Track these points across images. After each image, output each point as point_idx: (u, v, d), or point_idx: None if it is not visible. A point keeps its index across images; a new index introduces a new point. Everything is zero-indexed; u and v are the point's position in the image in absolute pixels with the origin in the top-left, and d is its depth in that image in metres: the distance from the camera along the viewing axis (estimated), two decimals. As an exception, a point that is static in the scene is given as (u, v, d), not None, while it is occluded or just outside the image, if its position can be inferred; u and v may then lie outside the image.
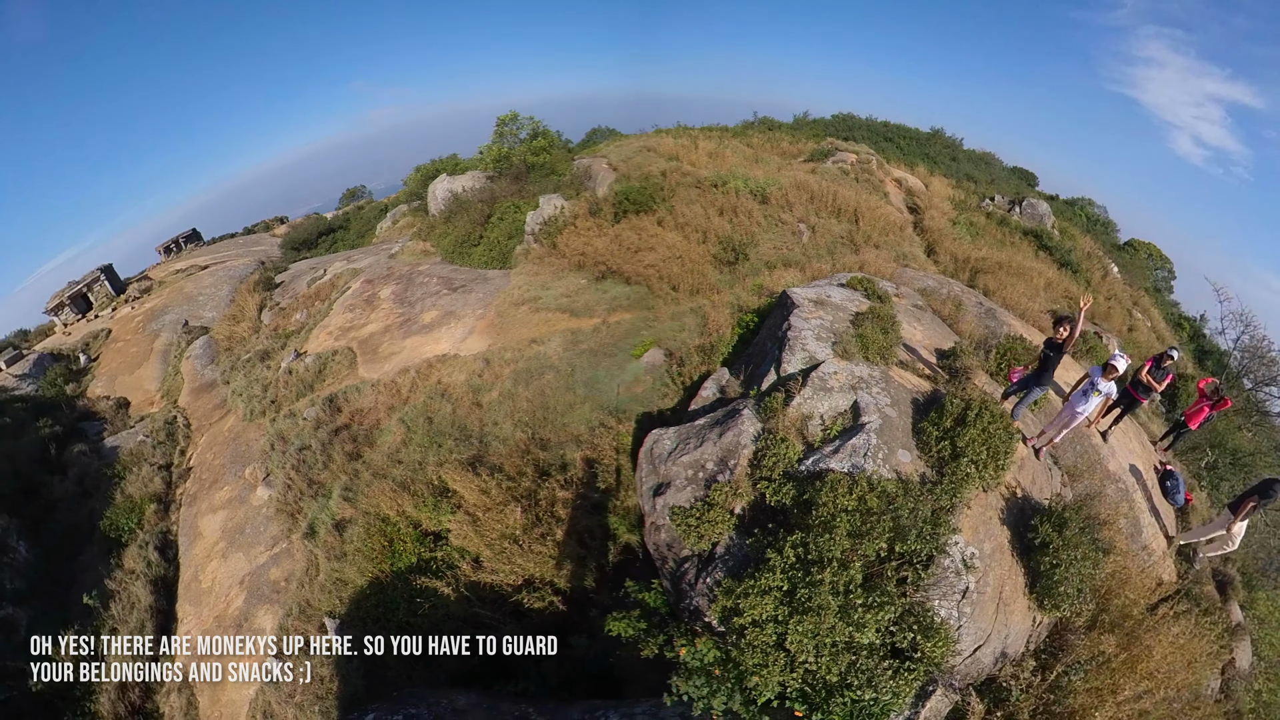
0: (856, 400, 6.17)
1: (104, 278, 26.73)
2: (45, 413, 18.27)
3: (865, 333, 7.18)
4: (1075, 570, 5.38)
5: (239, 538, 10.98)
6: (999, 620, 5.26)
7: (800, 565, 4.31)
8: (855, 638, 4.19)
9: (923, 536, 4.76)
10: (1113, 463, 8.51)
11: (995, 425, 5.85)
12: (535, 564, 5.90)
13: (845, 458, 5.47)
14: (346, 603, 7.23)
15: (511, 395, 10.40)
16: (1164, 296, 26.68)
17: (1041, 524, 5.63)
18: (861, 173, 20.82)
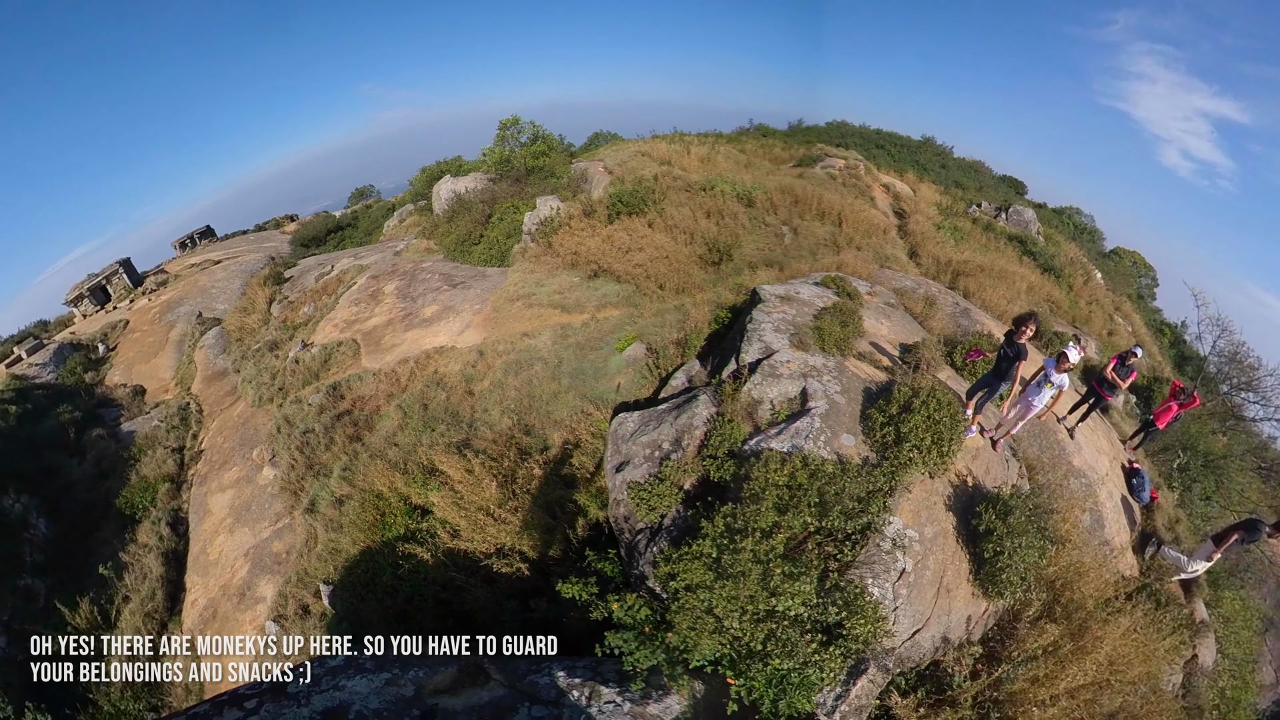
0: (805, 387, 6.39)
1: (122, 271, 27.41)
2: (65, 399, 18.93)
3: (823, 325, 7.46)
4: (1020, 558, 5.28)
5: (245, 514, 11.52)
6: (939, 605, 5.21)
7: (728, 534, 4.55)
8: (775, 606, 4.28)
9: (847, 513, 4.84)
10: (1078, 458, 8.55)
11: (941, 412, 5.87)
12: (506, 534, 6.35)
13: (787, 439, 5.68)
14: (340, 570, 7.72)
15: (501, 385, 10.89)
16: (1146, 303, 27.02)
17: (986, 511, 5.59)
18: (849, 178, 21.21)
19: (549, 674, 4.39)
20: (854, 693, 4.37)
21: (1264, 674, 11.36)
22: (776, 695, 4.15)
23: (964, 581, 5.45)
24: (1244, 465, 14.58)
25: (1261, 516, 8.84)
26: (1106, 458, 9.42)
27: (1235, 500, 12.90)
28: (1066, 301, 20.38)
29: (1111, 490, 8.69)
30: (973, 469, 6.52)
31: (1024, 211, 24.10)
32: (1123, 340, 21.38)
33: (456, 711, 3.93)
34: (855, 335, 7.82)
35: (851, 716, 4.37)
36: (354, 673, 4.21)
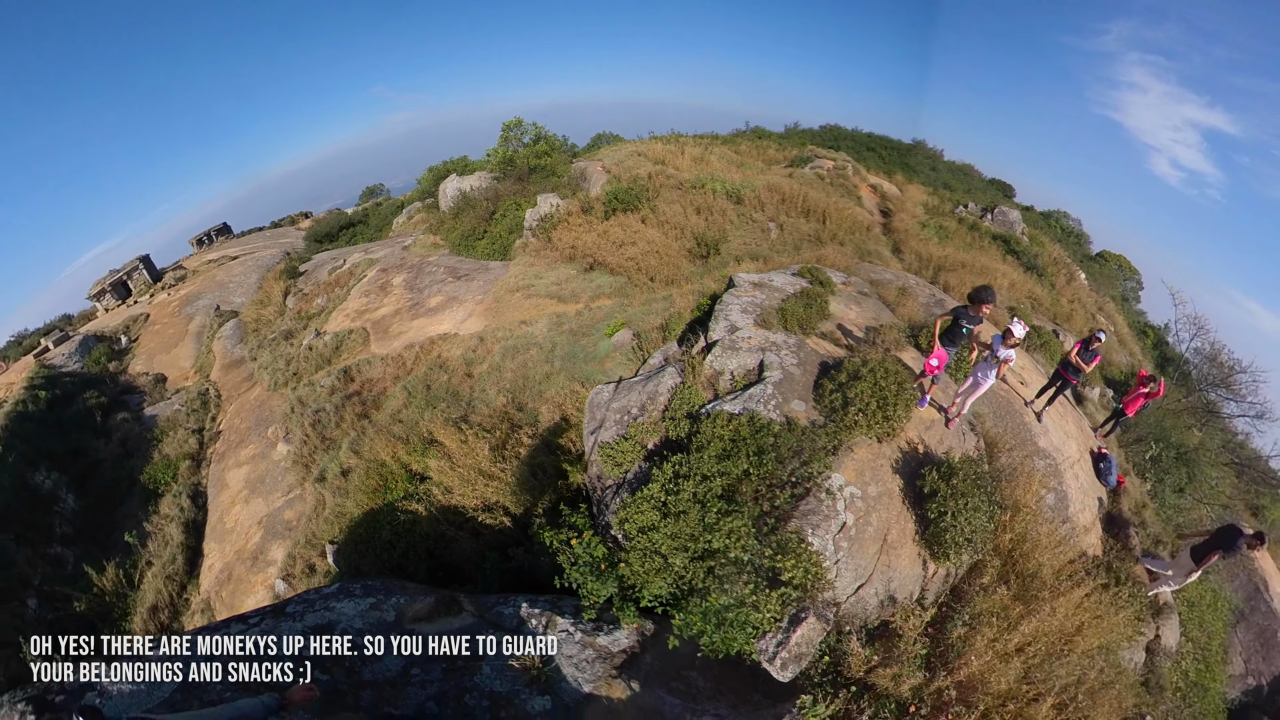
0: (763, 359, 6.73)
1: (142, 267, 28.15)
2: (90, 386, 19.63)
3: (787, 307, 7.85)
4: (964, 520, 5.26)
5: (260, 486, 12.13)
6: (882, 561, 5.22)
7: (674, 479, 4.92)
8: (712, 544, 4.51)
9: (781, 459, 5.11)
10: (1043, 440, 8.53)
11: (888, 380, 6.00)
12: (493, 491, 6.87)
13: (740, 403, 5.99)
14: (344, 531, 8.29)
15: (499, 367, 11.45)
16: (1131, 305, 27.15)
17: (930, 473, 5.63)
18: (836, 178, 21.65)
19: (514, 606, 4.82)
20: (794, 639, 4.45)
21: (1234, 665, 11.43)
22: (715, 631, 4.36)
23: (909, 541, 5.49)
24: (1217, 460, 14.43)
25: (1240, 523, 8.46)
26: (1075, 442, 9.39)
27: (1208, 493, 12.86)
28: (1048, 299, 20.36)
29: (1078, 473, 8.61)
30: (926, 439, 6.62)
31: (1009, 213, 24.42)
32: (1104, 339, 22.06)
33: (429, 636, 4.37)
34: (819, 318, 8.13)
35: (791, 664, 4.44)
36: (344, 598, 4.76)
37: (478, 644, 4.28)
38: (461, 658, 4.13)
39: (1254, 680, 11.54)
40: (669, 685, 4.35)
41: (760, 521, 4.94)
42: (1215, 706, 9.13)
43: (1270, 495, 17.33)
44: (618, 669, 4.25)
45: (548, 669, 4.06)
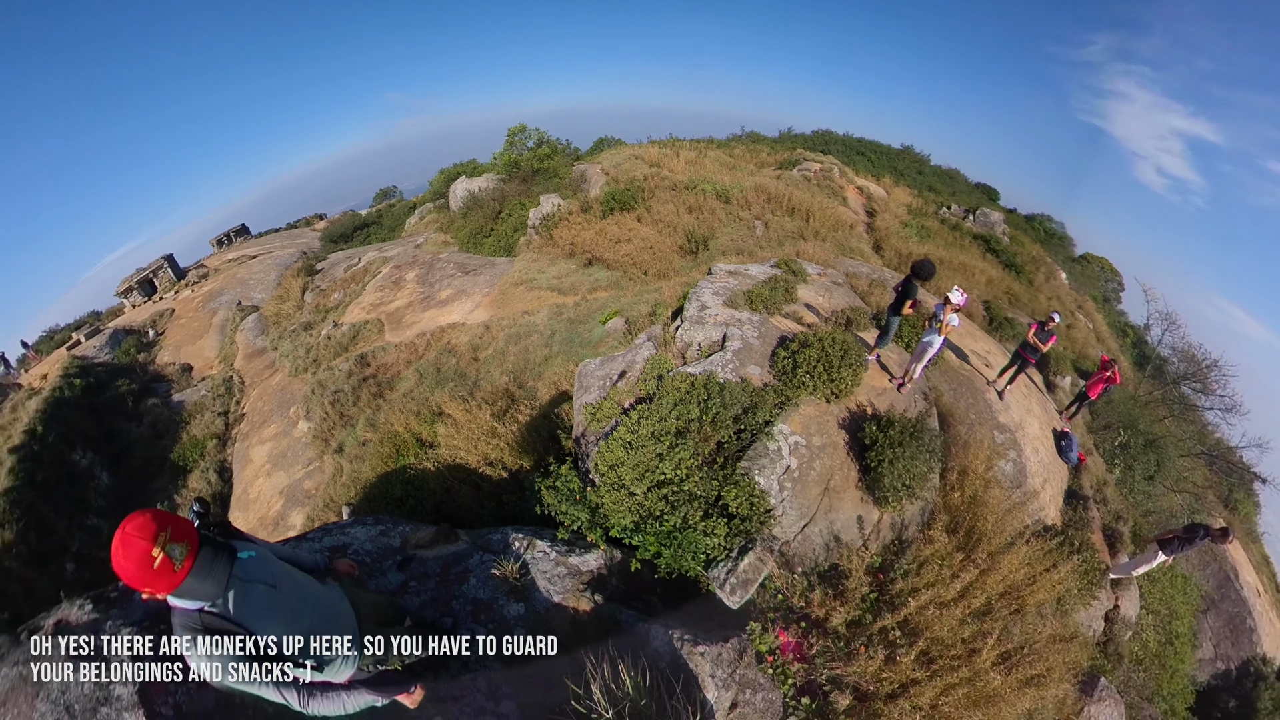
0: (726, 332, 7.28)
1: (167, 265, 29.00)
2: (121, 375, 20.43)
3: (753, 290, 8.41)
4: (901, 466, 5.57)
5: (281, 460, 12.85)
6: (825, 503, 5.51)
7: (637, 421, 5.50)
8: (664, 472, 4.90)
9: (726, 404, 5.59)
10: (1004, 415, 8.71)
11: (834, 347, 6.38)
12: (494, 449, 7.53)
13: (701, 366, 6.53)
14: (360, 492, 8.97)
15: (503, 352, 12.13)
16: (1112, 306, 27.58)
17: (869, 425, 6.01)
18: (823, 179, 22.24)
19: (501, 534, 5.33)
20: (741, 566, 4.73)
21: (1204, 650, 11.71)
22: (668, 551, 4.74)
23: (851, 487, 5.83)
24: (1186, 449, 14.66)
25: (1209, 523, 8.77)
26: (1037, 421, 9.57)
27: (1178, 482, 13.00)
28: (1025, 295, 20.76)
29: (1038, 448, 8.73)
30: (876, 403, 6.91)
31: (990, 214, 24.95)
32: (1080, 334, 21.61)
33: (428, 559, 4.95)
34: (785, 300, 8.64)
35: (739, 589, 4.66)
36: (357, 526, 5.43)
37: (466, 561, 4.86)
38: (452, 572, 4.73)
39: (1223, 665, 11.89)
40: (629, 603, 4.80)
41: (709, 459, 5.38)
42: (1183, 687, 9.25)
43: (1243, 489, 17.69)
44: (584, 585, 4.70)
45: (524, 580, 4.56)
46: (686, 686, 3.67)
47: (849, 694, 4.03)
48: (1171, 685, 8.85)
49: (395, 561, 5.07)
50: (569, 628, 4.31)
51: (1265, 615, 13.36)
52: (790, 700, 3.99)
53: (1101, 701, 6.03)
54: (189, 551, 1.98)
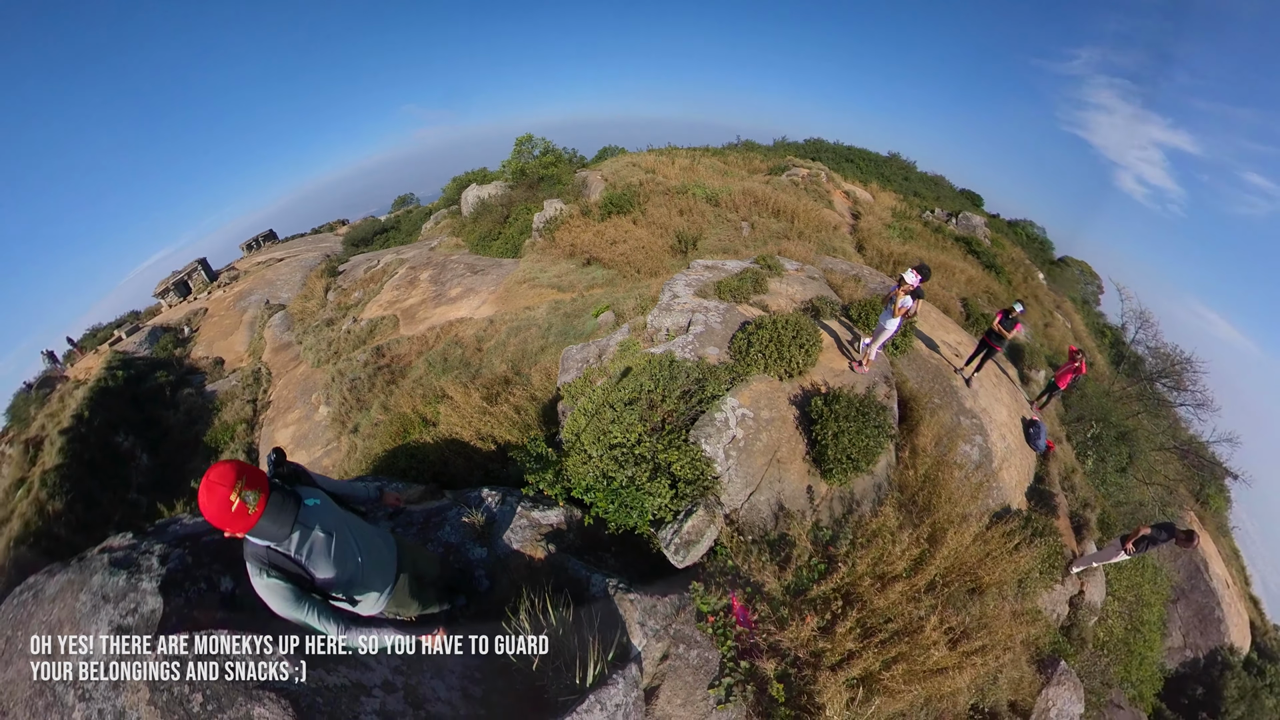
0: (692, 318, 7.59)
1: (200, 268, 30.02)
2: (160, 368, 21.35)
3: (723, 282, 8.78)
4: (846, 441, 5.49)
5: (303, 441, 13.57)
6: (771, 473, 5.48)
7: (598, 393, 5.98)
8: (615, 435, 5.15)
9: (673, 375, 5.86)
10: (970, 401, 8.57)
11: (786, 329, 6.55)
12: (486, 424, 8.12)
13: (663, 347, 6.84)
14: (370, 466, 9.60)
15: (504, 343, 12.75)
16: (1091, 308, 27.68)
17: (816, 399, 6.01)
18: (810, 184, 22.68)
19: (479, 491, 5.63)
20: (686, 527, 4.81)
21: (1173, 638, 11.91)
22: (615, 508, 4.93)
23: (798, 459, 5.77)
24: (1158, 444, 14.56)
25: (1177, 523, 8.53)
26: (1005, 408, 9.42)
27: (1149, 474, 13.02)
28: (1004, 294, 20.68)
29: (1005, 434, 8.56)
30: (831, 383, 6.87)
31: (972, 218, 25.23)
32: (1058, 333, 21.76)
33: (414, 512, 5.36)
34: (755, 291, 8.90)
35: (683, 549, 4.74)
36: (357, 480, 6.03)
37: (446, 513, 5.24)
38: (432, 521, 5.20)
39: (1191, 653, 12.11)
40: (582, 556, 5.02)
41: (659, 426, 5.57)
42: (1152, 674, 9.19)
43: (1215, 484, 17.72)
44: (542, 536, 4.98)
45: (490, 529, 4.96)
46: (610, 629, 3.76)
47: (785, 661, 3.88)
48: (1140, 672, 8.79)
49: (386, 512, 5.68)
50: (525, 571, 4.66)
51: (1233, 606, 13.50)
52: (728, 661, 3.89)
53: (1060, 685, 5.86)
54: (261, 498, 2.23)
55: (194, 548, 3.77)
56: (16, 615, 3.20)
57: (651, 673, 3.70)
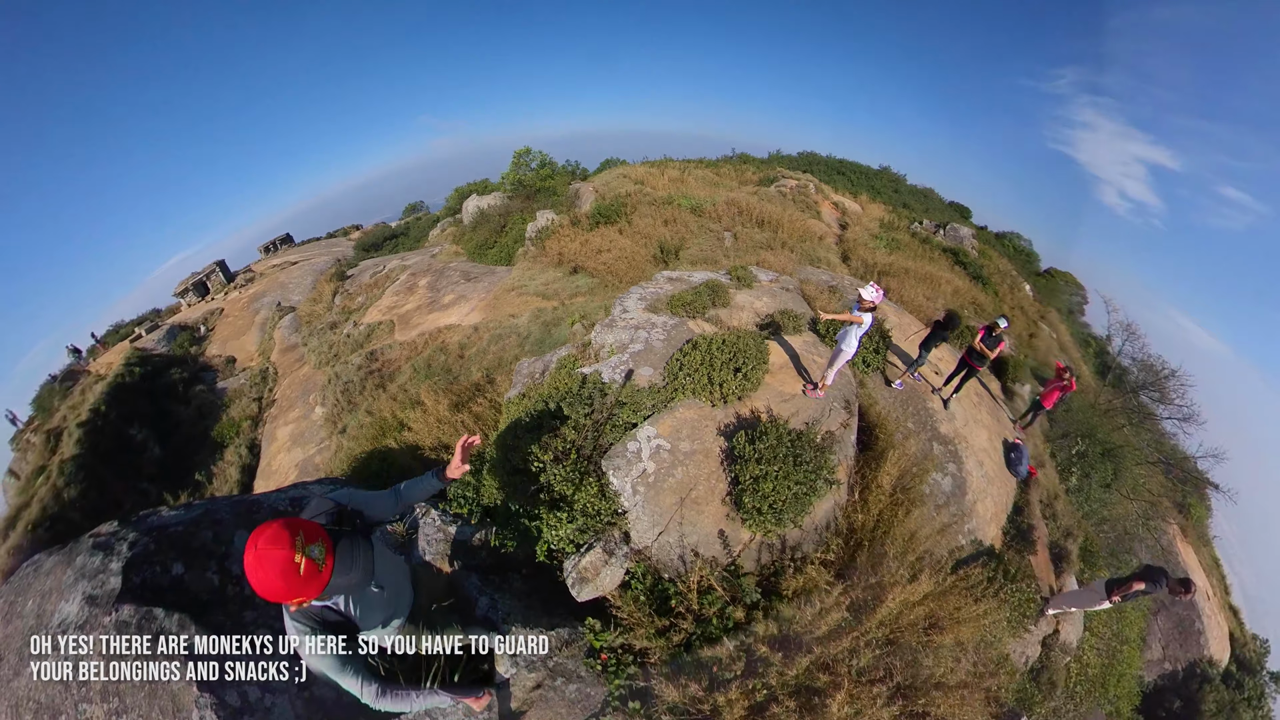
0: (634, 335, 7.14)
1: (218, 270, 30.92)
2: (175, 365, 22.14)
3: (676, 296, 8.21)
4: (769, 487, 4.81)
5: (300, 439, 14.12)
6: (682, 513, 5.01)
7: (514, 414, 5.80)
8: (516, 461, 4.99)
9: (581, 400, 5.53)
10: (946, 426, 7.92)
11: (721, 349, 6.04)
12: (444, 433, 8.52)
13: (594, 367, 6.42)
14: (351, 467, 10.06)
15: (484, 350, 13.17)
16: (1075, 318, 27.43)
17: (740, 436, 5.25)
18: (798, 195, 22.85)
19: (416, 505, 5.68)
20: (583, 562, 4.62)
21: (1153, 650, 11.81)
22: (510, 539, 4.92)
23: (716, 500, 5.17)
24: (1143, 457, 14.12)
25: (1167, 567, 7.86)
26: (986, 431, 8.70)
27: (1132, 488, 12.61)
28: (991, 305, 20.11)
29: (983, 461, 7.87)
30: (777, 409, 6.17)
31: (960, 229, 25.18)
32: (1043, 343, 21.25)
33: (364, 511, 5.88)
34: (712, 305, 8.52)
35: (579, 584, 4.57)
36: (314, 485, 6.46)
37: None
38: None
39: (1170, 665, 12.01)
40: (487, 577, 4.86)
41: (564, 453, 5.19)
42: (1130, 689, 8.99)
43: (1196, 494, 17.46)
44: (453, 552, 5.12)
45: (410, 538, 5.22)
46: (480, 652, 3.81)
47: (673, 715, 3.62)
48: (1118, 688, 8.56)
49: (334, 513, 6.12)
50: (430, 584, 4.92)
51: (1213, 619, 13.45)
52: (614, 700, 3.73)
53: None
54: (327, 550, 1.90)
55: (158, 537, 4.38)
56: (20, 584, 3.93)
57: (522, 698, 3.76)
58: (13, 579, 4.06)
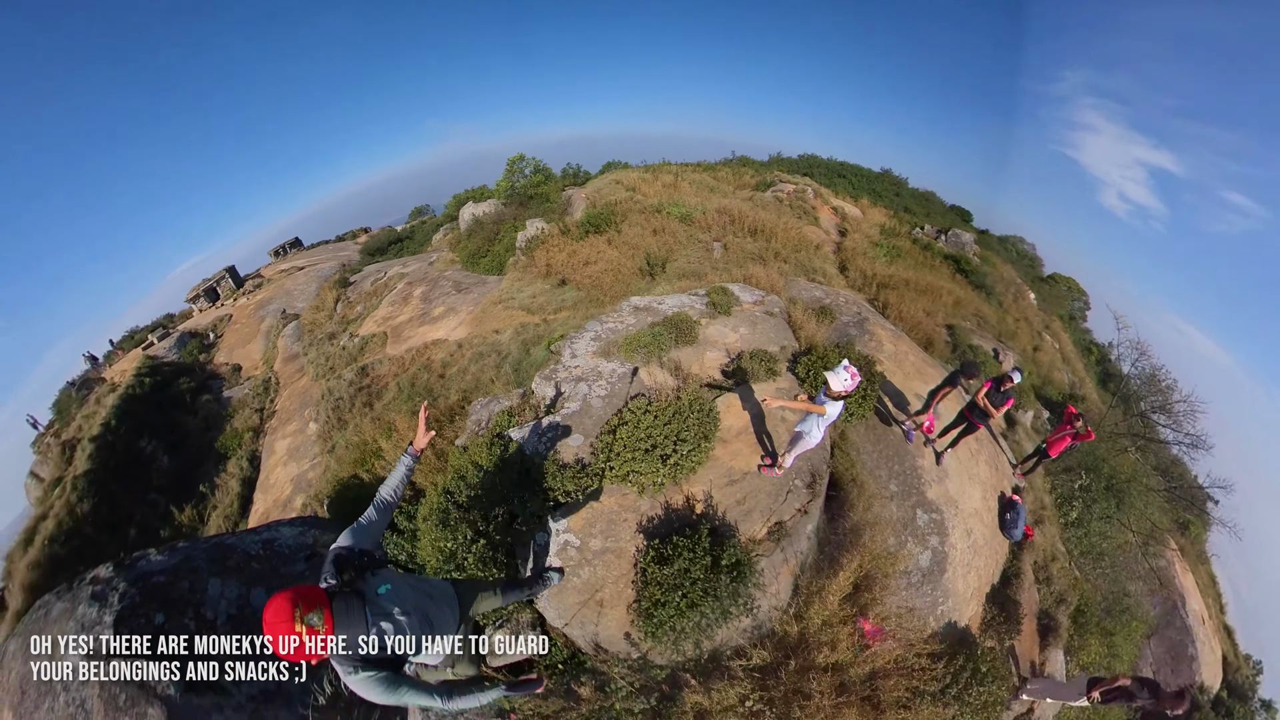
0: (574, 390, 6.67)
1: (228, 276, 32.18)
2: (184, 374, 23.30)
3: (632, 337, 7.67)
4: (668, 613, 4.59)
5: (296, 454, 14.95)
6: (585, 613, 4.97)
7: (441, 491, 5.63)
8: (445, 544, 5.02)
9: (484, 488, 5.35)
10: (935, 489, 7.22)
11: (658, 428, 5.42)
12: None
13: (523, 431, 6.10)
14: (334, 489, 10.76)
15: (465, 370, 13.71)
16: (1078, 324, 27.03)
17: (653, 544, 4.92)
18: (795, 200, 22.81)
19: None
20: (494, 639, 4.56)
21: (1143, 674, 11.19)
22: None
23: (622, 606, 4.99)
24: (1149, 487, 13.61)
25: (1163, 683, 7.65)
26: (980, 488, 7.97)
27: (1134, 521, 12.33)
28: (994, 316, 19.85)
29: (971, 529, 7.26)
30: (717, 495, 5.58)
31: (962, 234, 24.88)
32: (1047, 357, 20.35)
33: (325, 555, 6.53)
34: (677, 343, 7.87)
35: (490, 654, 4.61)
36: (285, 526, 7.01)
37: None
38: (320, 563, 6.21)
39: None
40: None
41: (471, 540, 5.18)
42: (1118, 715, 8.81)
43: (1197, 515, 16.62)
44: None
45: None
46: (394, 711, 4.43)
47: None
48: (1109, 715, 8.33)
49: (305, 555, 6.72)
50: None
51: (1207, 644, 13.27)
52: None
53: None
54: (325, 614, 2.24)
55: (143, 588, 5.17)
56: (32, 625, 4.79)
57: None
58: (27, 619, 4.91)
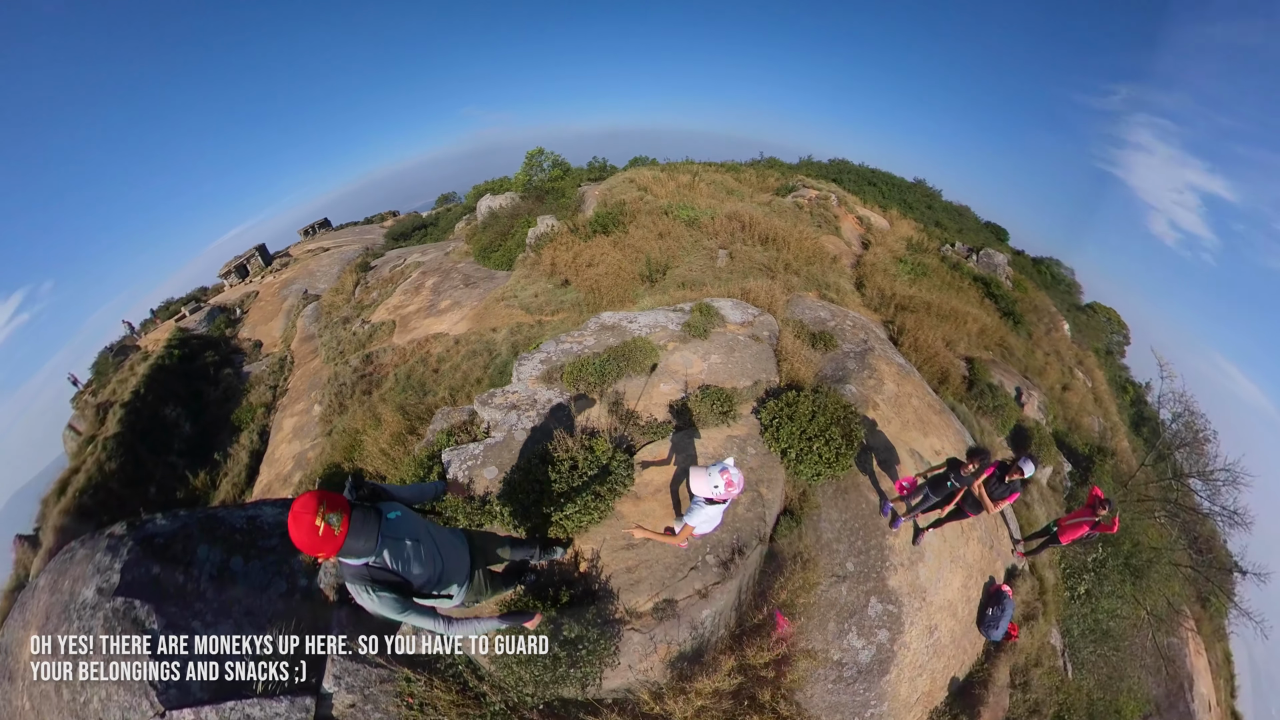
0: (504, 419, 6.55)
1: (258, 254, 34.53)
2: (210, 347, 25.43)
3: (582, 362, 7.42)
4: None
5: (300, 433, 16.44)
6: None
7: None
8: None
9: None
10: (898, 575, 6.39)
11: (525, 481, 5.35)
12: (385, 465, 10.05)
13: (450, 455, 6.11)
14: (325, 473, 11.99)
15: (456, 367, 14.78)
16: (1115, 359, 25.84)
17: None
18: (817, 208, 22.88)
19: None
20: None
21: None
22: None
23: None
24: (1174, 562, 12.95)
25: None
26: (963, 575, 7.03)
27: (1150, 601, 11.82)
28: (1022, 349, 18.88)
29: (936, 625, 6.41)
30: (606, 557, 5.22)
31: (995, 255, 24.38)
32: (1076, 397, 18.84)
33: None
34: (626, 373, 7.44)
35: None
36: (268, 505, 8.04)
37: None
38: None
39: None
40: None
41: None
42: None
43: (1218, 590, 15.36)
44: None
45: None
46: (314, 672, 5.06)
47: None
48: None
49: (281, 532, 7.84)
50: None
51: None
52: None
53: None
54: (344, 518, 2.43)
55: (147, 546, 6.35)
56: (61, 566, 5.86)
57: (341, 710, 5.13)
58: (55, 560, 6.02)
